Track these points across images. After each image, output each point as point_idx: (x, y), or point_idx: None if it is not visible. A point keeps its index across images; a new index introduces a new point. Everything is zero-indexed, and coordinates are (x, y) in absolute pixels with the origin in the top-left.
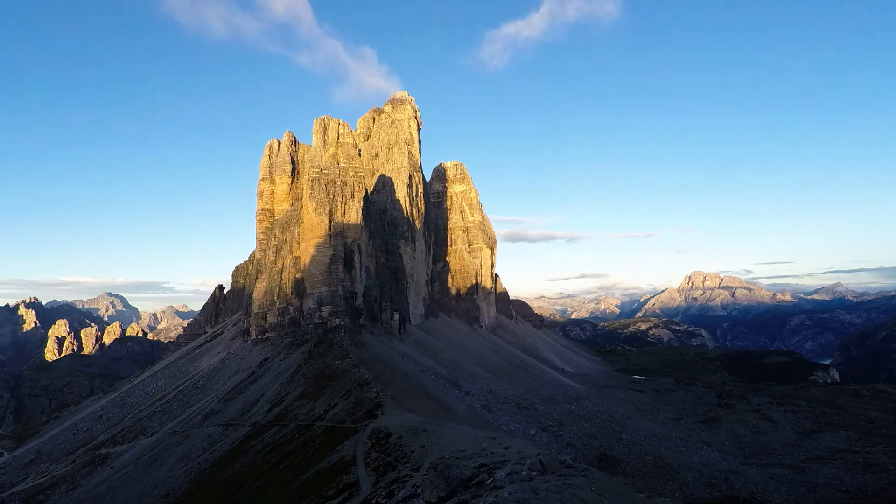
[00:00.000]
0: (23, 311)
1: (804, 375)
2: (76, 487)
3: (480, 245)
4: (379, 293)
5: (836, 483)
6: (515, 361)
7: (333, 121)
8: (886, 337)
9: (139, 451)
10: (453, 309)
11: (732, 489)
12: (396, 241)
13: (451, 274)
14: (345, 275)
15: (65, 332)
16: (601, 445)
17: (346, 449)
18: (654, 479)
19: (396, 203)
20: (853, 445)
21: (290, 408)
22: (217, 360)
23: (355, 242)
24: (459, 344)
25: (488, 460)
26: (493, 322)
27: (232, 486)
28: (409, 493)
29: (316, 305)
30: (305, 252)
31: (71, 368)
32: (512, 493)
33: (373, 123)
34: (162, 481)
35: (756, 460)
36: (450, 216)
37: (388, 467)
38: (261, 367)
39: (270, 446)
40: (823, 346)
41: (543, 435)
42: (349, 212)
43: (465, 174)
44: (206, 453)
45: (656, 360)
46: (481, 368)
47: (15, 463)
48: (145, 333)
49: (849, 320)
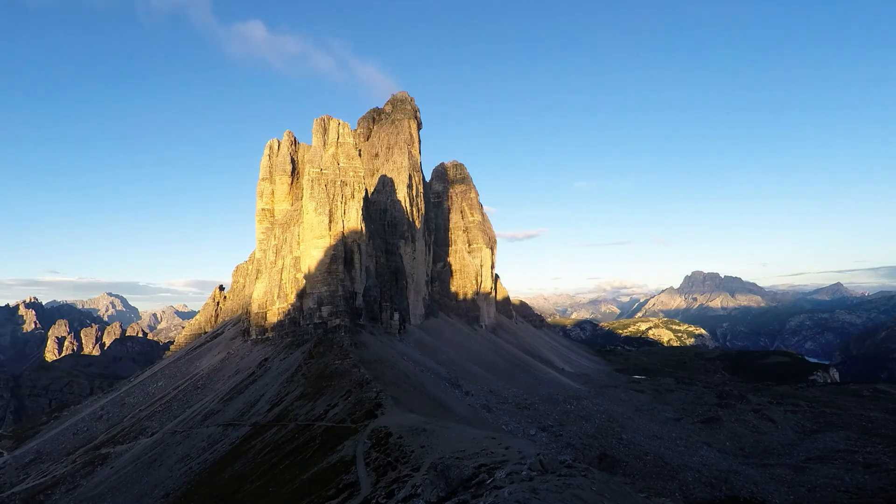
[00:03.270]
0: (23, 311)
1: (804, 375)
2: (76, 487)
3: (480, 245)
4: (379, 293)
5: (836, 483)
6: (515, 361)
7: (333, 121)
8: (886, 337)
9: (139, 451)
10: (453, 309)
11: (732, 489)
12: (396, 241)
13: (451, 274)
14: (345, 275)
15: (65, 332)
16: (601, 445)
17: (346, 449)
18: (654, 479)
19: (396, 203)
20: (853, 445)
21: (290, 408)
22: (217, 360)
23: (355, 242)
24: (459, 344)
25: (488, 460)
26: (493, 322)
27: (232, 486)
28: (409, 493)
29: (316, 305)
30: (305, 252)
31: (71, 368)
32: (512, 493)
33: (373, 123)
34: (162, 481)
35: (756, 460)
36: (450, 216)
37: (388, 467)
38: (261, 367)
39: (270, 446)
40: (823, 346)
41: (543, 435)
42: (349, 212)
43: (465, 174)
44: (206, 453)
45: (656, 360)
46: (481, 368)
47: (15, 463)
48: (145, 333)
49: (849, 320)
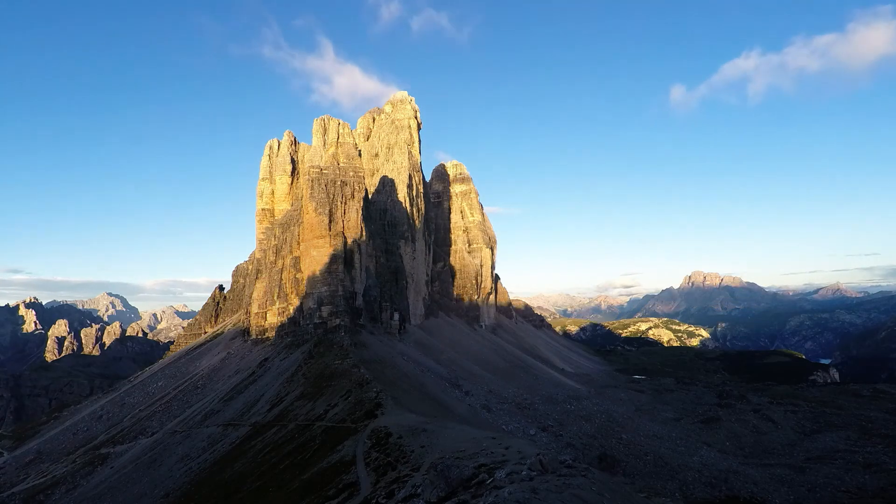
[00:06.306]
0: (23, 311)
1: (804, 375)
2: (76, 487)
3: (480, 245)
4: (379, 293)
5: (836, 483)
6: (515, 361)
7: (333, 121)
8: (886, 337)
9: (139, 451)
10: (453, 309)
11: (732, 489)
12: (396, 241)
13: (451, 274)
14: (345, 275)
15: (65, 332)
16: (601, 445)
17: (346, 449)
18: (654, 479)
19: (396, 203)
20: (853, 445)
21: (290, 408)
22: (217, 360)
23: (355, 242)
24: (459, 344)
25: (488, 460)
26: (493, 322)
27: (232, 485)
28: (409, 493)
29: (316, 305)
30: (305, 252)
31: (71, 368)
32: (512, 492)
33: (373, 123)
34: (162, 481)
35: (756, 460)
36: (450, 216)
37: (388, 467)
38: (261, 367)
39: (270, 446)
40: (823, 346)
41: (543, 435)
42: (349, 212)
43: (465, 174)
44: (206, 453)
45: (656, 360)
46: (481, 368)
47: (15, 463)
48: (145, 333)
49: (849, 320)
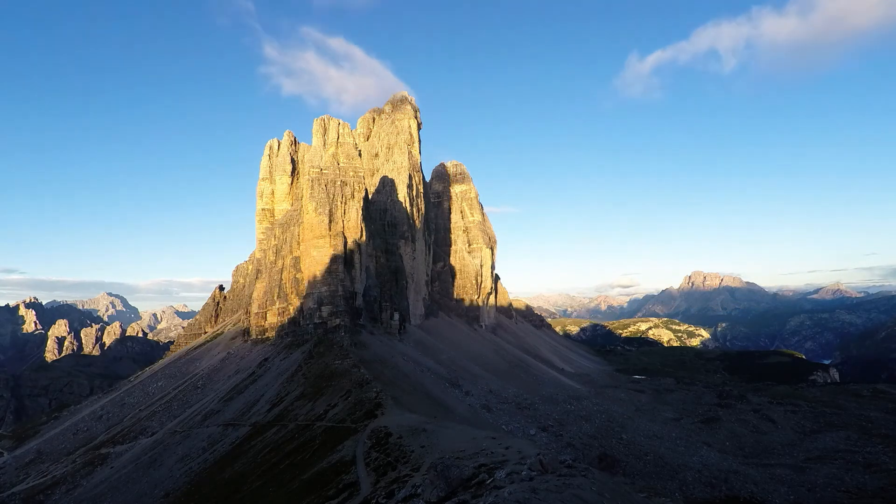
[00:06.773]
0: (23, 311)
1: (804, 375)
2: (76, 487)
3: (480, 245)
4: (379, 293)
5: (836, 483)
6: (515, 361)
7: (333, 121)
8: (886, 337)
9: (139, 451)
10: (453, 309)
11: (732, 489)
12: (396, 241)
13: (451, 274)
14: (345, 275)
15: (65, 332)
16: (601, 445)
17: (346, 449)
18: (654, 479)
19: (396, 203)
20: (853, 445)
21: (290, 408)
22: (217, 360)
23: (355, 242)
24: (459, 344)
25: (488, 460)
26: (493, 322)
27: (232, 485)
28: (409, 493)
29: (316, 305)
30: (305, 252)
31: (71, 368)
32: (512, 492)
33: (373, 123)
34: (162, 481)
35: (756, 460)
36: (450, 216)
37: (388, 467)
38: (261, 367)
39: (270, 446)
40: (823, 346)
41: (543, 435)
42: (349, 212)
43: (465, 174)
44: (206, 453)
45: (656, 360)
46: (481, 368)
47: (15, 463)
48: (145, 333)
49: (849, 320)
